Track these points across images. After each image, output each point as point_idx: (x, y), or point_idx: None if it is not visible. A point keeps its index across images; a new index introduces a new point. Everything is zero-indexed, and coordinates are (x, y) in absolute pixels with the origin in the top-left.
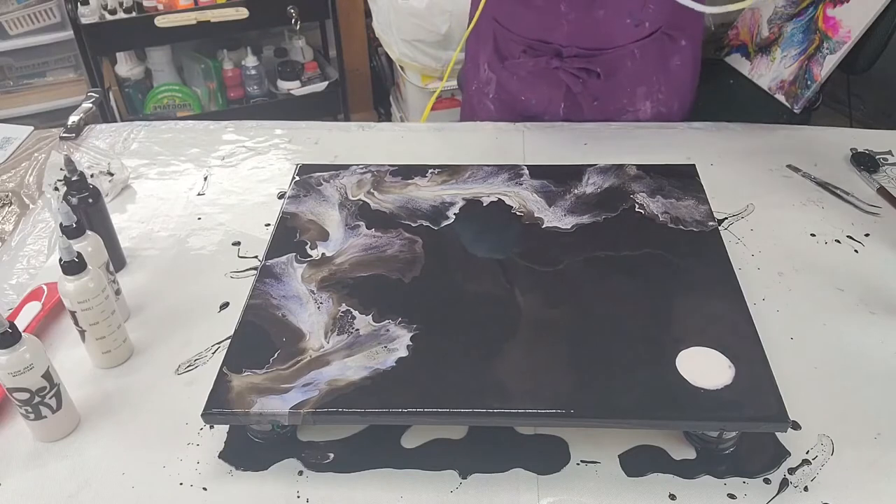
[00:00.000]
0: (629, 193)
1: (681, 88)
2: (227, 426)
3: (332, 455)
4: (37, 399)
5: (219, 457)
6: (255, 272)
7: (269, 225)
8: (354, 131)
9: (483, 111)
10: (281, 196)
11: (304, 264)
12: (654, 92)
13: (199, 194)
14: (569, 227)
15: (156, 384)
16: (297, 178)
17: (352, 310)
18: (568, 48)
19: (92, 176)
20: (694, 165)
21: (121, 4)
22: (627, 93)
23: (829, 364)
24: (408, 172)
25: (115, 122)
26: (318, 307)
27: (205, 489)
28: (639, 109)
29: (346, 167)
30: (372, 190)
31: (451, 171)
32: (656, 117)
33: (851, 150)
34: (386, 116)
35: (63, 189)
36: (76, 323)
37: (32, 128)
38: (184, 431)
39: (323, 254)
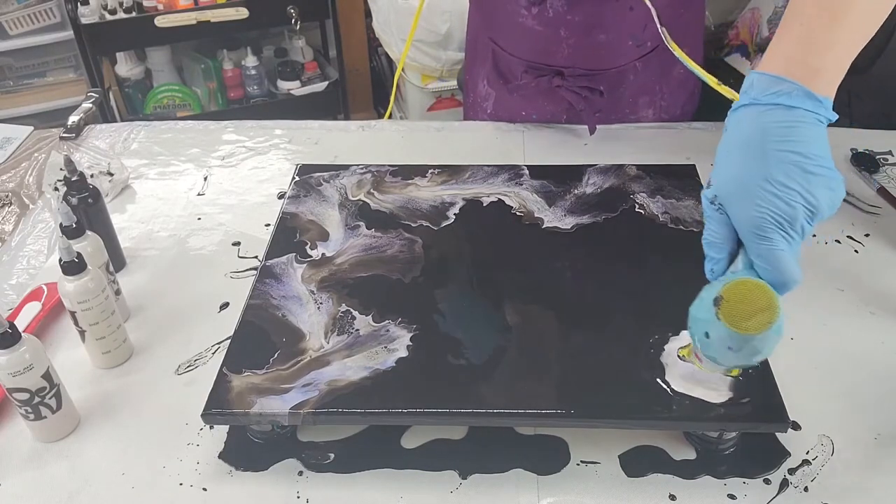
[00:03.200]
0: (629, 194)
1: (684, 94)
2: (227, 426)
3: (332, 455)
4: (37, 399)
5: (219, 457)
6: (255, 272)
7: (269, 225)
8: (354, 131)
9: None
10: (281, 196)
11: (304, 264)
12: (656, 101)
13: (199, 194)
14: (569, 227)
15: (156, 384)
16: (297, 178)
17: (352, 310)
18: (570, 69)
19: (92, 176)
20: (694, 165)
21: (121, 4)
22: (629, 103)
23: (829, 364)
24: (408, 172)
25: (115, 122)
26: (318, 307)
27: (205, 489)
28: (641, 118)
29: (346, 167)
30: (372, 190)
31: (451, 171)
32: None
33: (851, 150)
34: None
35: (63, 189)
36: (76, 323)
37: (32, 128)
38: (184, 431)
39: (323, 254)
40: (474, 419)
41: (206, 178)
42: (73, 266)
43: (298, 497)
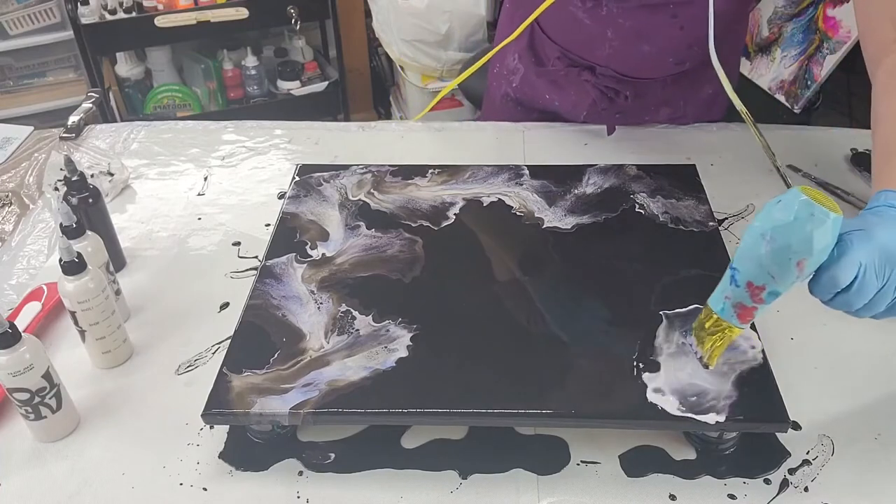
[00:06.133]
0: (629, 193)
1: (706, 113)
2: (227, 426)
3: (332, 455)
4: (37, 399)
5: (219, 457)
6: (255, 272)
7: (269, 225)
8: (354, 131)
9: (498, 94)
10: (281, 196)
11: (305, 264)
12: (678, 116)
13: (199, 194)
14: (569, 227)
15: (156, 384)
16: (297, 179)
17: (352, 310)
18: (603, 68)
19: (92, 176)
20: (694, 165)
21: (121, 4)
22: (651, 111)
23: (829, 364)
24: (408, 172)
25: (115, 122)
26: (319, 307)
27: (205, 489)
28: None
29: (346, 167)
30: (372, 190)
31: (451, 171)
32: None
33: (851, 150)
34: (386, 116)
35: (63, 189)
36: (76, 323)
37: (32, 128)
38: (184, 431)
39: (323, 254)
40: (474, 419)
41: (206, 178)
42: (74, 266)
43: (298, 497)
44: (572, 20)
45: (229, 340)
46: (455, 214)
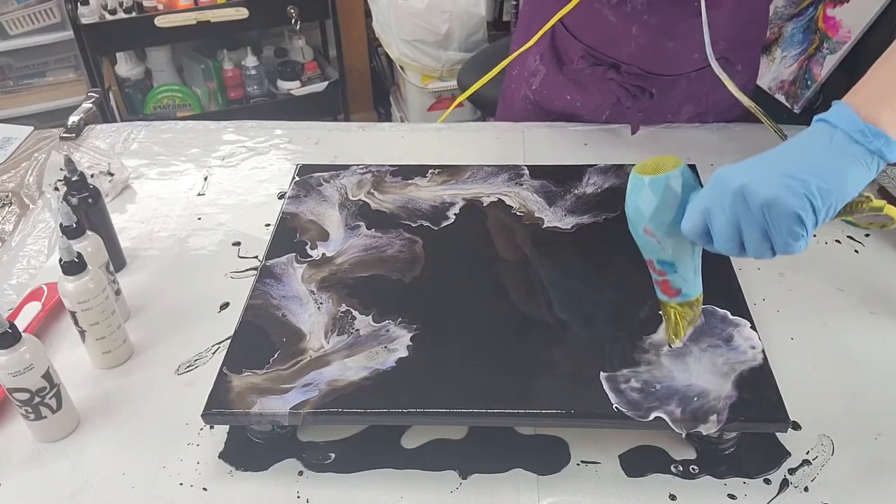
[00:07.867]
0: None
1: (726, 111)
2: (227, 426)
3: (332, 455)
4: (37, 399)
5: (219, 457)
6: (255, 272)
7: (269, 225)
8: (354, 131)
9: (517, 97)
10: (281, 196)
11: (305, 264)
12: (700, 113)
13: (199, 194)
14: (569, 227)
15: (156, 384)
16: (297, 179)
17: (352, 310)
18: (628, 66)
19: (92, 176)
20: (694, 165)
21: (121, 4)
22: (673, 109)
23: (829, 364)
24: (408, 172)
25: (115, 122)
26: (319, 307)
27: (205, 489)
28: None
29: (346, 167)
30: (372, 190)
31: (451, 172)
32: None
33: None
34: (386, 116)
35: (63, 189)
36: (76, 323)
37: (32, 128)
38: (184, 431)
39: (323, 254)
40: (474, 419)
41: (206, 178)
42: (74, 266)
43: (298, 497)
44: (597, 17)
45: (229, 340)
46: (455, 214)
